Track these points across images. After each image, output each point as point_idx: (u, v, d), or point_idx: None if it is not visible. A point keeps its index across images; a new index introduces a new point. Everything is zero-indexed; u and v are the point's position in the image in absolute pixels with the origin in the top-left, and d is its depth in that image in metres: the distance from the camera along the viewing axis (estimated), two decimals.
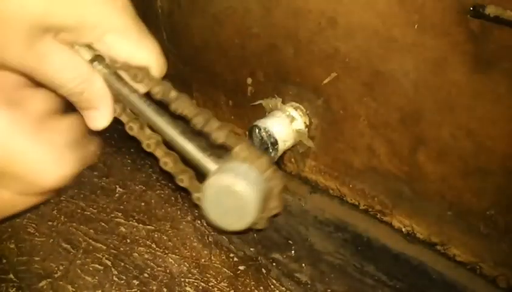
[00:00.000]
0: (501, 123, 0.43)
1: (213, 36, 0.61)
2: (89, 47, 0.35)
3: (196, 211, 0.61)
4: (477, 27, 0.39)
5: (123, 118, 0.38)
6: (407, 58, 0.45)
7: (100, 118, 0.36)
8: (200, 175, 0.37)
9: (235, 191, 0.35)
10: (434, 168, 0.49)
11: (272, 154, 0.55)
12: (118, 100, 0.37)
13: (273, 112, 0.57)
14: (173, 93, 0.37)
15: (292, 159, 0.62)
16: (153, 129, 0.38)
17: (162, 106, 0.38)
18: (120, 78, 0.36)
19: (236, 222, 0.37)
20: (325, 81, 0.53)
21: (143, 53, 0.36)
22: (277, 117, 0.56)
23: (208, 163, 0.37)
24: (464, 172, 0.47)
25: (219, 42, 0.61)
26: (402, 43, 0.45)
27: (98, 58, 0.36)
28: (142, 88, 0.37)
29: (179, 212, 0.62)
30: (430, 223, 0.53)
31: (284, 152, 0.58)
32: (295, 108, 0.56)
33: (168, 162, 0.38)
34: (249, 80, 0.61)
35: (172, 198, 0.64)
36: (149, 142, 0.38)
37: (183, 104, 0.37)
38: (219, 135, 0.37)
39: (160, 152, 0.39)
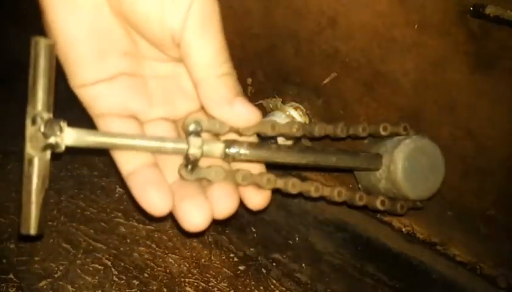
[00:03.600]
0: (501, 123, 0.43)
1: None
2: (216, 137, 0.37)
3: None
4: (477, 27, 0.40)
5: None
6: (407, 58, 0.45)
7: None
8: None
9: (424, 149, 0.43)
10: None
11: None
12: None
13: (273, 112, 0.57)
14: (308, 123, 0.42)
15: None
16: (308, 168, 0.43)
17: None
18: (253, 145, 0.37)
19: (433, 181, 0.44)
20: (325, 81, 0.53)
21: None
22: (277, 117, 0.55)
23: (375, 158, 0.41)
24: (464, 172, 0.47)
25: None
26: (402, 43, 0.45)
27: (227, 143, 0.36)
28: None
29: None
30: (430, 223, 0.53)
31: None
32: (295, 108, 0.56)
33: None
34: (249, 80, 0.61)
35: None
36: (340, 190, 0.40)
37: (321, 127, 0.42)
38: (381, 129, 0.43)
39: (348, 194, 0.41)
